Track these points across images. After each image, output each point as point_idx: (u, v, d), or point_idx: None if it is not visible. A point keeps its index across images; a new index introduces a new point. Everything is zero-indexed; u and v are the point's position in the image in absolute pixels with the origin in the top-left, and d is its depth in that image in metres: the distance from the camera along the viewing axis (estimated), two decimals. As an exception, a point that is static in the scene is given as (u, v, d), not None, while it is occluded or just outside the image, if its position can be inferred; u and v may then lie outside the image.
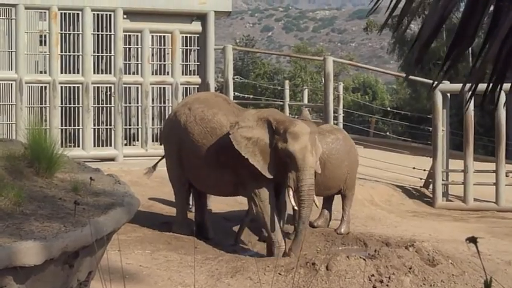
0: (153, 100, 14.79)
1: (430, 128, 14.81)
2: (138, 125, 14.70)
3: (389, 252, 8.33)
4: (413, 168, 14.70)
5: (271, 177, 8.79)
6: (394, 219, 11.92)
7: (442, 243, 9.76)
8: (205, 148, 9.22)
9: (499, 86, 2.82)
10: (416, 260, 8.21)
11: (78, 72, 14.17)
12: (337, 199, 10.66)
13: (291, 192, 8.74)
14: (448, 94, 13.75)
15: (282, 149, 8.70)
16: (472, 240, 2.26)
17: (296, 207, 8.77)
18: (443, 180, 13.72)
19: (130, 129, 14.85)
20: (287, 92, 22.07)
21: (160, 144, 10.50)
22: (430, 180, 14.11)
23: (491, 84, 2.80)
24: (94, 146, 14.21)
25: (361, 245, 9.82)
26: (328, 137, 10.13)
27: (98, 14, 14.18)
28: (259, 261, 8.30)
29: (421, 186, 14.52)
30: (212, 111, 9.35)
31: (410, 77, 18.88)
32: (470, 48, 2.89)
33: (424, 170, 14.55)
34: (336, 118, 18.86)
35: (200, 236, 9.55)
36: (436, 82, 3.06)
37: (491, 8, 2.71)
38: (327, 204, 10.62)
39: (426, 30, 2.78)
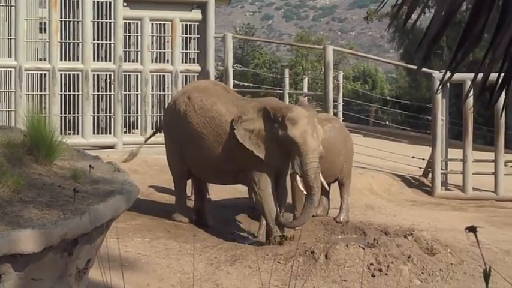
0: (152, 88, 14.77)
1: (430, 118, 14.81)
2: (137, 113, 14.69)
3: (388, 241, 8.34)
4: (413, 157, 14.70)
5: (278, 165, 8.83)
6: (393, 208, 11.93)
7: (441, 232, 9.77)
8: (204, 137, 9.22)
9: (505, 84, 2.79)
10: (415, 249, 8.22)
11: (77, 60, 14.14)
12: (334, 188, 10.66)
13: (298, 178, 8.78)
14: (448, 84, 13.72)
15: (282, 136, 8.71)
16: (472, 229, 2.25)
17: (306, 193, 8.78)
18: (442, 169, 13.73)
19: (129, 117, 14.84)
20: (287, 81, 22.06)
21: (160, 132, 10.47)
22: (429, 169, 14.11)
23: (499, 82, 2.77)
24: (93, 133, 14.19)
25: (360, 233, 9.83)
26: (325, 125, 10.14)
27: (97, 2, 14.14)
28: (259, 250, 8.31)
29: (420, 176, 14.52)
30: (211, 100, 9.35)
31: (413, 67, 18.84)
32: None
33: (423, 159, 14.56)
34: (335, 107, 18.86)
35: (199, 224, 9.57)
36: (445, 78, 3.00)
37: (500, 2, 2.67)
38: (325, 192, 10.62)
39: (434, 27, 2.74)
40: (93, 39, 14.20)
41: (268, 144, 8.81)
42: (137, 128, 14.76)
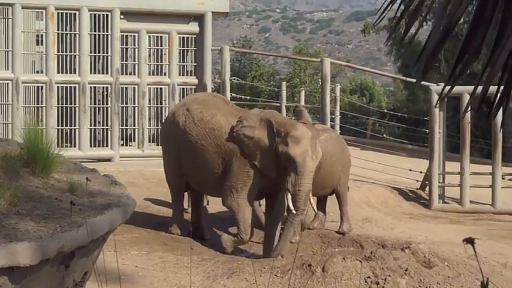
0: (150, 101, 14.78)
1: (427, 130, 14.82)
2: (134, 126, 14.70)
3: (385, 254, 8.34)
4: (410, 170, 14.70)
5: (273, 175, 8.82)
6: (391, 221, 11.93)
7: (438, 245, 9.76)
8: (204, 149, 9.21)
9: (504, 96, 2.79)
10: (412, 262, 8.22)
11: (74, 72, 14.16)
12: (331, 201, 10.66)
13: (289, 196, 8.74)
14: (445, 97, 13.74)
15: (282, 152, 8.71)
16: (469, 241, 2.25)
17: (294, 211, 8.76)
18: (439, 182, 13.73)
19: (127, 129, 14.84)
20: (284, 93, 22.07)
21: (159, 145, 10.48)
22: (427, 182, 14.11)
23: (498, 94, 2.77)
24: (90, 146, 14.20)
25: (357, 246, 9.82)
26: (322, 135, 10.15)
27: (95, 14, 14.17)
28: (256, 263, 8.30)
29: (417, 188, 14.52)
30: (211, 112, 9.35)
31: (411, 80, 18.89)
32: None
33: (421, 172, 14.56)
34: (332, 120, 18.87)
35: (196, 236, 9.55)
36: (444, 92, 2.99)
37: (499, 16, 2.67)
38: (321, 205, 10.62)
39: (433, 40, 2.74)
40: (90, 52, 14.22)
41: (265, 156, 8.82)
42: (134, 140, 14.76)
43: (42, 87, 13.93)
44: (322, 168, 9.87)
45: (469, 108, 12.53)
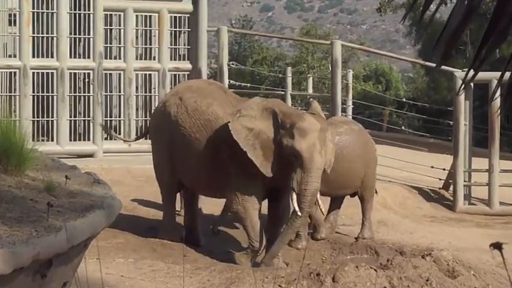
0: (137, 88, 14.78)
1: (451, 122, 14.80)
2: (120, 117, 14.71)
3: (403, 261, 8.34)
4: (432, 167, 14.70)
5: (270, 175, 8.78)
6: (410, 224, 11.93)
7: (463, 252, 9.77)
8: (199, 143, 9.21)
9: None
10: (434, 271, 8.22)
11: (52, 57, 14.15)
12: (343, 203, 10.67)
13: (294, 196, 8.72)
14: (471, 84, 13.73)
15: (287, 146, 8.68)
16: (497, 246, 2.24)
17: (300, 213, 8.76)
18: (465, 181, 13.73)
19: (111, 121, 14.85)
20: (289, 80, 22.06)
21: (147, 139, 10.47)
22: (451, 180, 14.11)
23: None
24: (70, 140, 14.21)
25: (371, 253, 9.83)
26: (340, 127, 10.11)
27: (75, -9, 14.17)
28: (257, 272, 8.30)
29: (440, 188, 14.52)
30: (206, 102, 9.34)
31: (432, 65, 18.85)
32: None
33: (444, 170, 14.55)
34: (344, 110, 18.87)
35: (190, 242, 9.55)
36: (468, 77, 2.97)
37: None
38: (335, 206, 10.58)
39: (455, 19, 2.71)
40: (70, 33, 14.22)
41: (266, 150, 8.78)
42: (119, 134, 14.77)
43: (15, 73, 13.93)
44: (340, 164, 9.84)
45: (497, 96, 12.52)
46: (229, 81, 15.68)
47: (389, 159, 14.91)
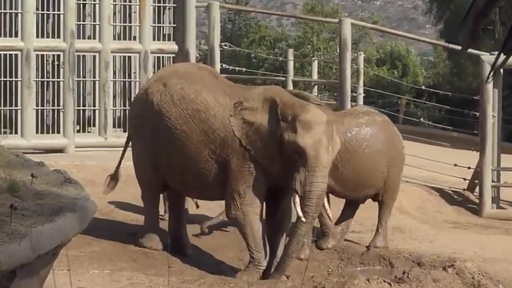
0: (114, 73, 14.76)
1: (477, 114, 14.81)
2: (95, 106, 14.68)
3: (422, 274, 8.35)
4: (455, 165, 14.70)
5: (275, 172, 8.80)
6: (429, 231, 11.94)
7: (491, 263, 9.78)
8: (186, 137, 9.20)
9: None
10: (457, 285, 8.23)
11: (16, 36, 14.13)
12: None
13: (297, 199, 8.70)
14: (501, 70, 13.74)
15: (289, 141, 8.66)
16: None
17: (303, 218, 8.73)
18: (493, 181, 13.74)
19: (84, 111, 14.83)
20: (291, 65, 22.06)
21: (125, 132, 10.48)
22: (476, 181, 14.12)
23: None
24: (37, 132, 14.19)
25: (385, 264, 9.84)
26: (361, 118, 10.09)
27: (43, -40, 14.15)
28: (253, 286, 8.31)
29: (464, 189, 14.53)
30: (195, 88, 9.34)
31: (457, 47, 18.85)
32: None
33: (469, 168, 14.56)
34: (354, 99, 18.87)
35: (175, 251, 9.56)
36: (498, 62, 2.98)
37: None
38: (349, 210, 10.57)
39: None
40: (37, 9, 14.18)
41: (268, 147, 8.79)
42: (94, 125, 14.75)
43: (-27, 55, 13.92)
44: (358, 160, 9.84)
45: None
46: (221, 65, 15.67)
47: (406, 156, 14.91)
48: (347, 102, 14.79)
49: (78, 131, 14.59)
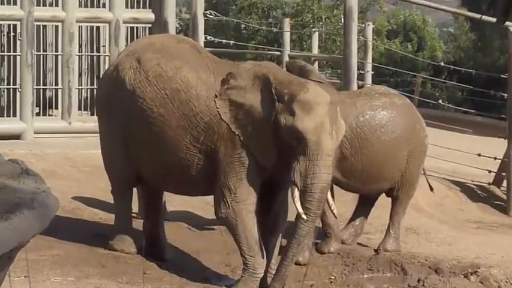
0: (80, 46, 14.75)
1: (505, 95, 14.83)
2: (57, 85, 14.67)
3: (440, 282, 8.39)
4: (479, 155, 14.73)
5: (269, 165, 8.79)
6: (448, 232, 11.98)
7: (521, 269, 9.82)
8: (163, 121, 9.18)
9: None
10: (481, 295, 8.27)
11: (-36, 3, 14.12)
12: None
13: (296, 193, 8.70)
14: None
15: (286, 125, 8.62)
16: None
17: (304, 216, 8.71)
18: (523, 173, 13.78)
19: (45, 90, 14.82)
20: (287, 36, 22.03)
21: (93, 115, 10.47)
22: (504, 173, 14.15)
23: None
24: (-11, 116, 14.19)
25: (397, 271, 9.86)
26: (377, 100, 10.07)
27: None
28: (242, 295, 8.33)
29: (489, 183, 14.57)
30: (174, 65, 9.31)
31: (481, 17, 18.91)
32: None
33: (495, 159, 14.59)
34: (361, 77, 18.86)
35: (152, 255, 9.57)
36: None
37: None
38: (363, 208, 10.58)
39: None
40: (-11, -29, 14.19)
41: (261, 132, 8.76)
42: (56, 107, 14.74)
43: None
44: (373, 149, 9.85)
45: None
46: (205, 37, 15.65)
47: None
48: (353, 81, 14.80)
49: (38, 114, 14.58)
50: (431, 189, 10.83)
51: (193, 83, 9.15)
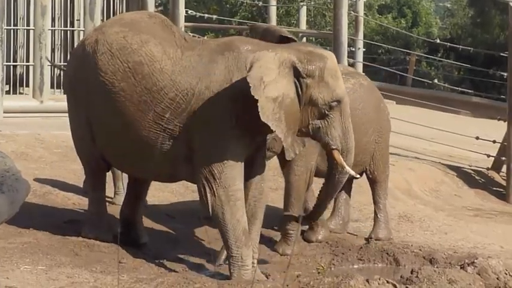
0: (53, 20, 14.71)
1: (505, 74, 14.84)
2: (28, 61, 14.64)
3: (434, 273, 8.39)
4: (477, 138, 14.75)
5: (294, 156, 8.97)
6: (444, 220, 12.00)
7: (521, 260, 9.84)
8: (124, 97, 9.11)
9: None
10: (479, 287, 8.27)
11: None
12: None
13: (338, 155, 8.92)
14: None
15: (323, 97, 8.76)
16: None
17: (356, 175, 9.20)
18: (524, 158, 13.81)
19: (15, 67, 14.79)
20: (273, 11, 22.02)
21: (65, 93, 10.43)
22: (503, 158, 14.17)
23: None
24: (-45, 94, 14.16)
25: (389, 261, 9.88)
26: (347, 82, 10.10)
27: None
28: (224, 285, 8.33)
29: (488, 168, 14.59)
30: (140, 38, 9.22)
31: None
32: None
33: (494, 142, 14.61)
34: (351, 54, 18.87)
35: (128, 243, 9.55)
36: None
37: None
38: (342, 195, 10.60)
39: None
40: None
41: (293, 121, 8.77)
42: (27, 85, 14.72)
43: None
44: None
45: None
46: (186, 12, 15.63)
47: (415, 126, 14.95)
48: (343, 59, 14.79)
49: (8, 92, 14.55)
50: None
51: (158, 56, 9.06)
